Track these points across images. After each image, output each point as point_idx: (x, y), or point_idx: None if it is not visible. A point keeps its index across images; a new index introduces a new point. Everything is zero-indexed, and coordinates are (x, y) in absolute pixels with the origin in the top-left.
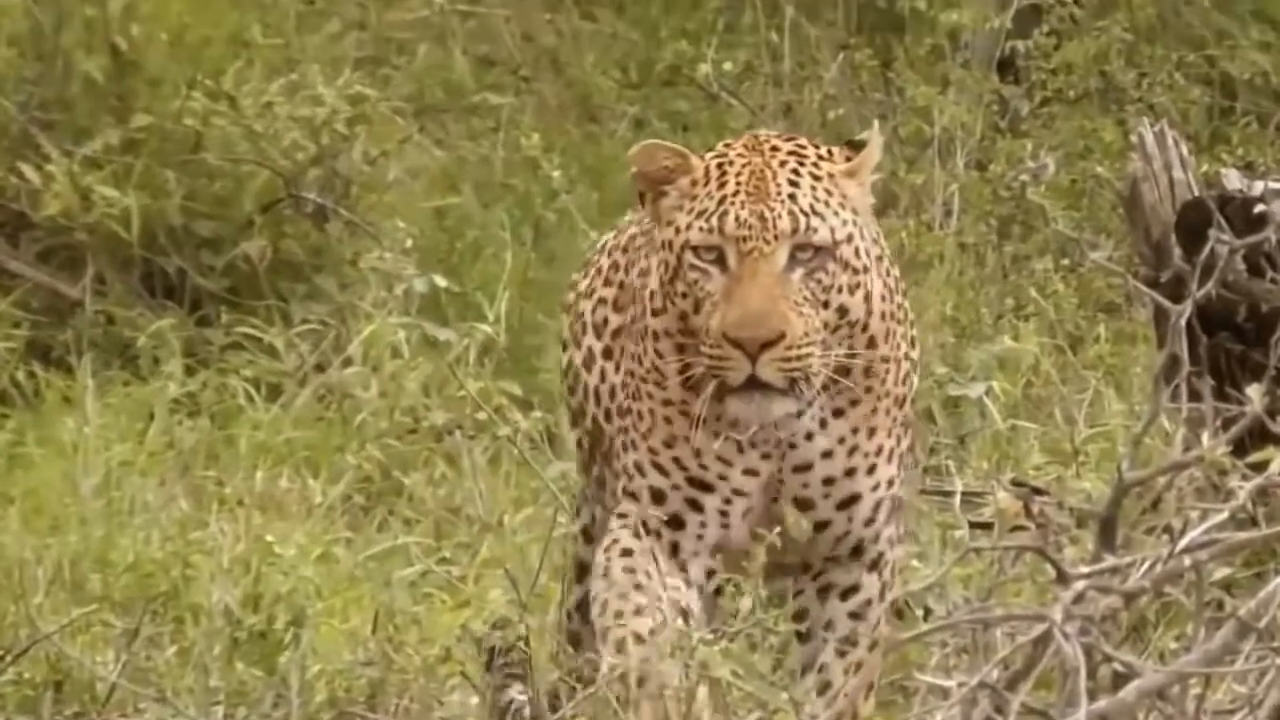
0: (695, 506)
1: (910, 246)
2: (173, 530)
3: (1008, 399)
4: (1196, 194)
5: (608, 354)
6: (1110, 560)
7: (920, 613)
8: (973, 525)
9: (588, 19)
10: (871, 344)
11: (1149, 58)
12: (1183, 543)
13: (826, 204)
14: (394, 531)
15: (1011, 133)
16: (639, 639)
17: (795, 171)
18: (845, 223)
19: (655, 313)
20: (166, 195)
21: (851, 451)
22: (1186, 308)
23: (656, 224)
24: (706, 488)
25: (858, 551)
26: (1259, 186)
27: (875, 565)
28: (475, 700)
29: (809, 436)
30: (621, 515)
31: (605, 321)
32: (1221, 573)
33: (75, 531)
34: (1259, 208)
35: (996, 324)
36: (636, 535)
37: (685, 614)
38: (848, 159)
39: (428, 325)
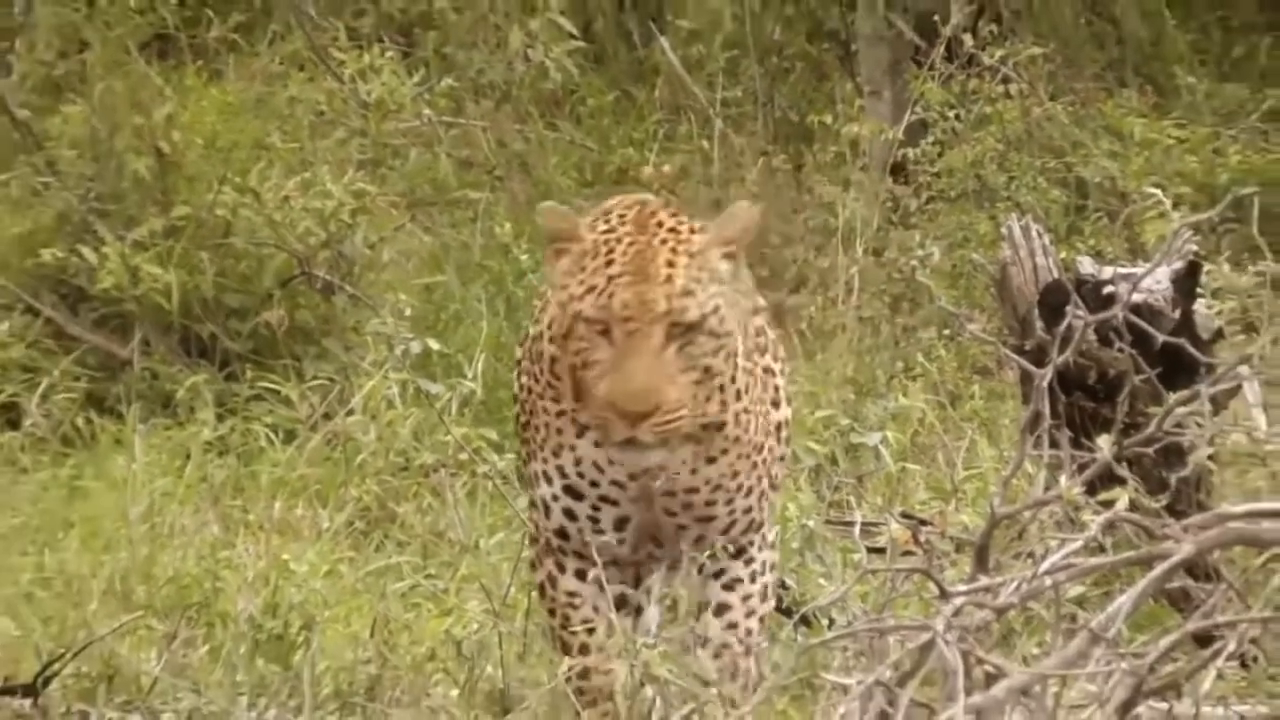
0: (570, 515)
1: (818, 319)
2: (205, 550)
3: (899, 446)
4: (1056, 277)
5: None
6: (984, 580)
7: (826, 622)
8: (870, 550)
9: (550, 128)
10: (737, 397)
11: (1017, 164)
12: (1044, 566)
13: (698, 281)
14: (388, 552)
15: (902, 225)
16: (585, 649)
17: (673, 251)
18: (713, 295)
19: (552, 340)
20: (201, 273)
21: (715, 489)
22: (1048, 372)
23: (553, 281)
24: (578, 495)
25: (726, 543)
26: (1108, 271)
27: (740, 553)
28: (455, 693)
29: (674, 478)
30: (535, 528)
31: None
32: (1075, 591)
33: (124, 551)
34: (1108, 289)
35: (889, 383)
36: (557, 562)
37: (638, 610)
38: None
39: (419, 380)
